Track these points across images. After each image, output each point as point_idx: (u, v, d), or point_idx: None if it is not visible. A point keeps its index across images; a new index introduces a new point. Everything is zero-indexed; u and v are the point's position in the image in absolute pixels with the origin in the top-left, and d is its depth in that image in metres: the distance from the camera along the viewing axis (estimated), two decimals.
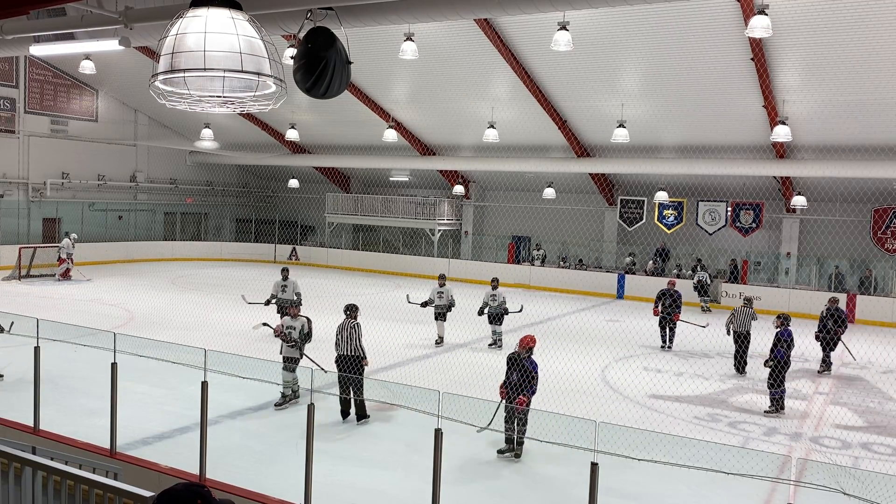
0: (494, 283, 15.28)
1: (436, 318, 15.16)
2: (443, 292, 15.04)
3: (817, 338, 14.23)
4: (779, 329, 11.42)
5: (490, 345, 14.93)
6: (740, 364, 13.68)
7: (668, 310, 15.66)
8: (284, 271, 15.63)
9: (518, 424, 8.59)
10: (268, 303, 15.09)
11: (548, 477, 8.14)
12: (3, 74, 25.45)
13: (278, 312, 14.83)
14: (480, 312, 15.03)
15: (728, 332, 13.73)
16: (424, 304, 15.09)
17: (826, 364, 14.31)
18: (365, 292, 20.22)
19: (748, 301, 14.03)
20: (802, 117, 19.13)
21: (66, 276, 22.57)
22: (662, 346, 15.73)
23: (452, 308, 15.10)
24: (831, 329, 14.16)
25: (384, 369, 12.29)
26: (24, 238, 25.11)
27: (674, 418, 10.73)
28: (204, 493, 2.72)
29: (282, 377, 10.12)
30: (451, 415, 6.11)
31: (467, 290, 23.12)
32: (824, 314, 14.49)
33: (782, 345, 11.21)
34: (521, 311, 14.79)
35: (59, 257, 22.73)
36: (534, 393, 8.64)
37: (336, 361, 10.20)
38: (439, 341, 15.03)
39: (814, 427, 10.77)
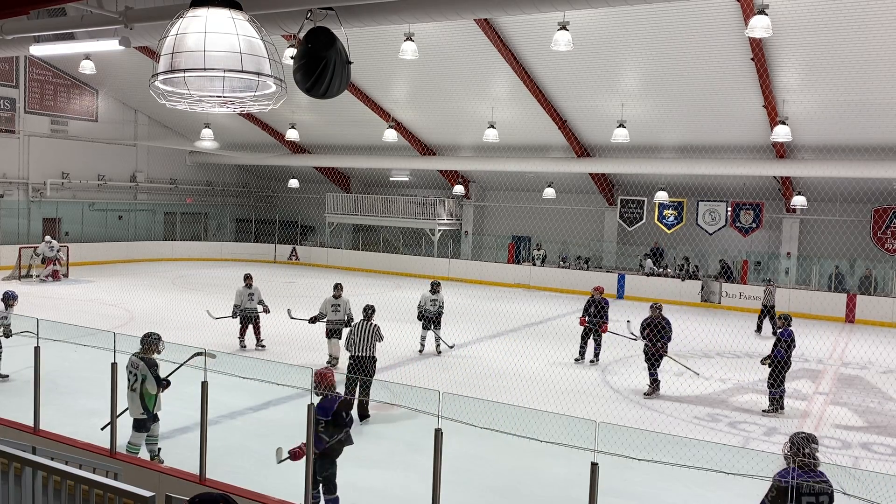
0: (435, 287, 14.35)
1: (328, 336, 12.74)
2: (339, 305, 12.67)
3: (582, 322, 14.30)
4: (780, 329, 11.42)
5: (439, 350, 14.32)
6: (758, 327, 18.43)
7: (594, 319, 14.14)
8: (248, 278, 14.18)
9: (325, 491, 6.87)
10: (234, 315, 13.90)
11: (548, 477, 8.14)
12: (3, 74, 25.45)
13: (242, 323, 13.97)
14: (421, 317, 14.14)
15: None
16: (313, 320, 12.74)
17: (589, 354, 14.23)
18: (365, 292, 20.20)
19: (769, 281, 19.32)
20: (802, 117, 19.13)
21: (55, 276, 22.52)
22: (578, 360, 14.14)
23: (351, 324, 12.36)
24: (594, 316, 14.10)
25: (384, 369, 12.29)
26: (24, 238, 25.10)
27: (674, 418, 10.73)
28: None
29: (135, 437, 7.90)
30: (451, 415, 6.11)
31: (467, 291, 23.17)
32: (589, 301, 14.50)
33: (782, 345, 11.22)
34: (452, 347, 14.33)
35: (45, 258, 22.68)
36: (323, 444, 6.67)
37: (349, 361, 10.15)
38: (333, 363, 12.53)
39: (814, 427, 10.76)
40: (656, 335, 12.03)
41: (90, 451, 7.27)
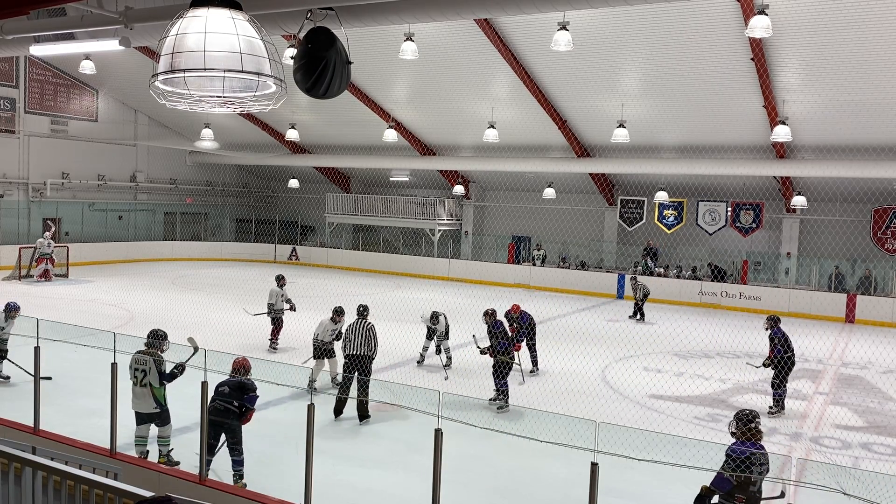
0: (435, 318, 13.03)
1: (319, 356, 11.45)
2: (337, 329, 11.40)
3: (512, 331, 12.64)
4: (769, 331, 11.42)
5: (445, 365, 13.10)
6: (635, 313, 19.83)
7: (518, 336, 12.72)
8: (281, 279, 14.35)
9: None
10: (269, 313, 14.10)
11: (548, 477, 8.14)
12: (3, 74, 25.44)
13: (274, 325, 14.10)
14: (437, 343, 13.19)
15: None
16: (318, 354, 11.45)
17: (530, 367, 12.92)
18: (365, 292, 20.22)
19: (634, 278, 20.44)
20: (802, 117, 19.13)
21: (46, 276, 22.46)
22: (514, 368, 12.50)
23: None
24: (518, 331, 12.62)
25: (384, 369, 12.29)
26: (24, 238, 25.08)
27: (674, 418, 10.73)
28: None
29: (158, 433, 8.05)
30: (451, 415, 6.11)
31: (467, 291, 23.17)
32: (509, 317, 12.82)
33: (779, 344, 11.22)
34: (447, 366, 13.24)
35: (37, 257, 22.60)
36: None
37: (345, 360, 10.21)
38: (337, 380, 11.30)
39: (814, 427, 10.77)
40: (501, 343, 11.08)
41: (90, 451, 7.27)
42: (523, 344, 12.84)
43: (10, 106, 25.78)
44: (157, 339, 8.09)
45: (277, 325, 14.07)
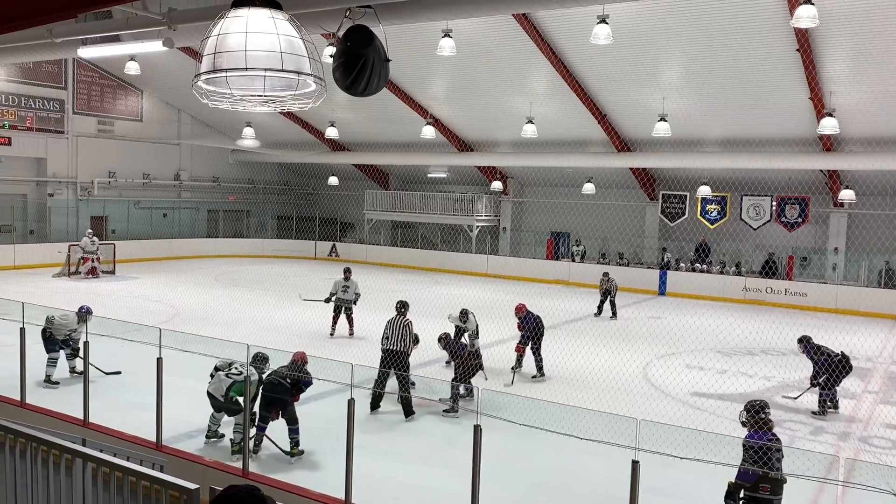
0: (464, 317, 12.39)
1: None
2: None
3: (519, 327, 12.61)
4: (804, 353, 11.21)
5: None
6: (600, 309, 19.05)
7: (526, 335, 12.60)
8: (347, 271, 15.38)
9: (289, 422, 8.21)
10: (328, 301, 15.03)
11: (588, 474, 8.09)
12: (52, 76, 26.16)
13: (335, 312, 15.07)
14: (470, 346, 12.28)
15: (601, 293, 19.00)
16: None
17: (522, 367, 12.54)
18: (403, 288, 20.31)
19: (606, 274, 19.40)
20: (850, 109, 18.63)
21: (93, 273, 22.98)
22: (514, 369, 12.52)
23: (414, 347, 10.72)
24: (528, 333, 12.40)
25: (423, 365, 12.32)
26: (73, 236, 25.75)
27: (717, 416, 10.56)
28: (267, 497, 2.57)
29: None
30: (491, 411, 6.11)
31: (505, 287, 23.10)
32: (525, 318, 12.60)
33: (815, 356, 10.99)
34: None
35: (82, 256, 23.12)
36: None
37: (382, 355, 10.36)
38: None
39: (863, 427, 10.50)
40: (458, 353, 10.86)
41: (137, 443, 7.45)
42: (527, 347, 12.53)
43: (60, 107, 26.52)
44: (261, 361, 8.25)
45: (337, 313, 14.99)
